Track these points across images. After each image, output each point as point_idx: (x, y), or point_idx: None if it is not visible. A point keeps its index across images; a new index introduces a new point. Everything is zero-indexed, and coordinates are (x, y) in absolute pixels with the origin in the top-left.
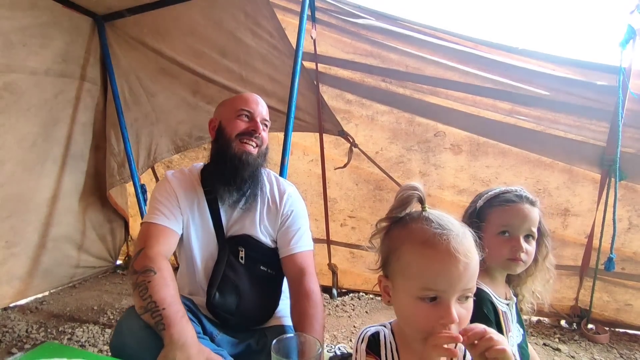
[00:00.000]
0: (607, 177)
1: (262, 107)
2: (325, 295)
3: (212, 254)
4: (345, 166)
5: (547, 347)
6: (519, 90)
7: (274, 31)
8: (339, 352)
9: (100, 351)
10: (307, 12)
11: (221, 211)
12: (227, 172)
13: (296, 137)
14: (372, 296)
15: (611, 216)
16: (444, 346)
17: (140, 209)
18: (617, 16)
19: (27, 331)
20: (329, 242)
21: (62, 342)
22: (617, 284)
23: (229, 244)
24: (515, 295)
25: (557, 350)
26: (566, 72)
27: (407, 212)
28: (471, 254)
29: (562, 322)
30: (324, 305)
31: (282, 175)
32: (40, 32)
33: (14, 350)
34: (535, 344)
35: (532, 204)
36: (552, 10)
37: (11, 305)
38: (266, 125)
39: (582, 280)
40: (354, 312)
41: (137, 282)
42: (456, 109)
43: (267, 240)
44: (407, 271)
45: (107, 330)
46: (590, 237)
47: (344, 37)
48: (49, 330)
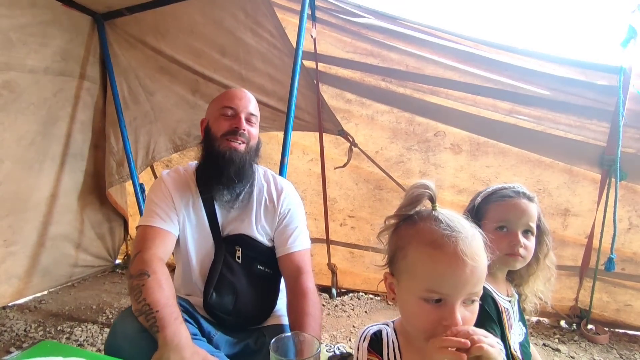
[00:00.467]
0: (607, 177)
1: (247, 102)
2: (324, 295)
3: (209, 253)
4: (345, 166)
5: (546, 348)
6: (519, 90)
7: (274, 30)
8: (338, 352)
9: (98, 350)
10: (307, 11)
11: (217, 210)
12: (213, 171)
13: (296, 136)
14: (371, 296)
15: (611, 216)
16: (448, 350)
17: (139, 208)
18: (618, 16)
19: (25, 330)
20: (328, 241)
21: (60, 341)
22: (617, 284)
23: (226, 244)
24: (517, 294)
25: (557, 350)
26: (567, 72)
27: (417, 210)
28: (479, 257)
29: (562, 323)
30: (323, 304)
31: (281, 174)
32: (39, 30)
33: (12, 349)
34: (534, 344)
35: (530, 199)
36: (552, 9)
37: (10, 304)
38: (253, 120)
39: (582, 280)
40: (354, 312)
41: (133, 286)
42: (456, 108)
43: (264, 239)
44: (413, 271)
45: (105, 329)
46: (590, 237)
47: (344, 37)
48: (48, 329)
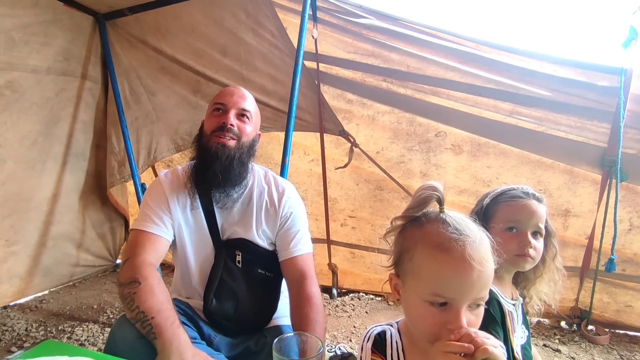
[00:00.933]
0: (608, 178)
1: (238, 97)
2: (325, 295)
3: (208, 257)
4: (345, 166)
5: (547, 348)
6: (520, 90)
7: (275, 30)
8: (339, 352)
9: (100, 350)
10: (308, 11)
11: (216, 213)
12: (202, 168)
13: (297, 136)
14: (372, 296)
15: (612, 217)
16: (452, 355)
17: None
18: (619, 17)
19: (26, 330)
20: (329, 242)
21: (61, 341)
22: (617, 285)
23: (226, 248)
24: (522, 296)
25: (557, 351)
26: (567, 73)
27: (424, 212)
28: (486, 261)
29: (562, 323)
30: (324, 305)
31: (282, 174)
32: (41, 30)
33: (14, 348)
34: (535, 345)
35: (539, 200)
36: (553, 10)
37: (11, 303)
38: (246, 115)
39: (582, 281)
40: (354, 312)
41: (124, 294)
42: (457, 109)
43: (264, 244)
44: (419, 273)
45: (106, 329)
46: (590, 238)
47: (345, 37)
48: (49, 329)
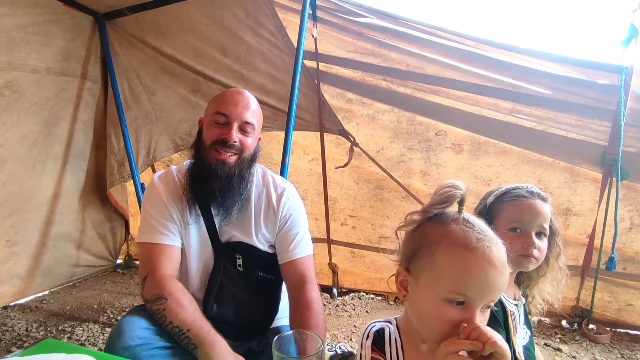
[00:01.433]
0: (608, 177)
1: (242, 108)
2: (325, 294)
3: (208, 262)
4: (345, 165)
5: (548, 347)
6: (520, 89)
7: (275, 30)
8: (339, 352)
9: (100, 350)
10: (308, 10)
11: (214, 216)
12: (201, 182)
13: (297, 136)
14: (372, 296)
15: (612, 216)
16: (460, 354)
17: (140, 208)
18: (619, 15)
19: (27, 330)
20: (329, 241)
21: (61, 341)
22: (618, 284)
23: (225, 251)
24: (524, 296)
25: (558, 350)
26: (568, 71)
27: (444, 210)
28: (506, 266)
29: (563, 322)
30: (323, 304)
31: (282, 174)
32: (41, 30)
33: (14, 349)
34: (536, 344)
35: (544, 200)
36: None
37: (11, 304)
38: (249, 128)
39: (583, 280)
40: (354, 312)
41: (153, 311)
42: (457, 108)
43: (264, 247)
44: (440, 271)
45: (107, 329)
46: (591, 236)
47: (345, 36)
48: (49, 329)
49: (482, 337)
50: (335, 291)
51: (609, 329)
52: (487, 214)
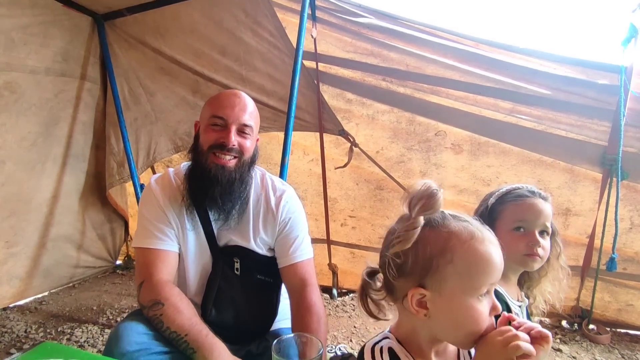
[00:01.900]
0: (608, 177)
1: (239, 111)
2: (325, 295)
3: (206, 266)
4: (345, 166)
5: None
6: (520, 89)
7: (274, 30)
8: (339, 353)
9: (99, 351)
10: (307, 10)
11: (212, 220)
12: (200, 187)
13: (296, 136)
14: None
15: (613, 216)
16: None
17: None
18: (618, 15)
19: (26, 331)
20: (329, 242)
21: (61, 342)
22: (618, 284)
23: (223, 255)
24: (526, 297)
25: (559, 350)
26: (567, 71)
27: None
28: None
29: (563, 323)
30: (325, 306)
31: (282, 175)
32: (40, 30)
33: (13, 350)
34: None
35: (545, 199)
36: (553, 8)
37: (10, 305)
38: (247, 130)
39: (583, 280)
40: (354, 313)
41: (150, 316)
42: (457, 108)
43: (263, 251)
44: (467, 272)
45: (106, 330)
46: (591, 237)
47: (344, 36)
48: (48, 330)
49: (538, 333)
50: (335, 292)
51: (609, 329)
52: (489, 215)
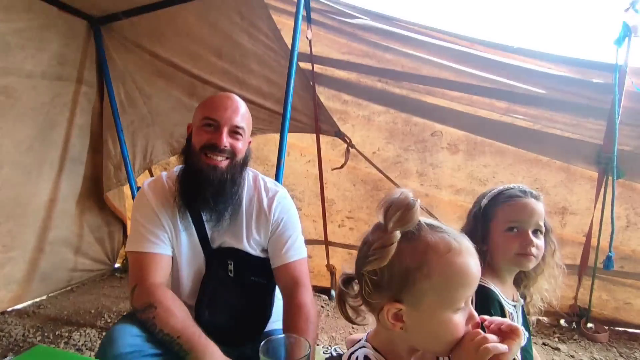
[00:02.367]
0: (604, 175)
1: (232, 112)
2: (323, 296)
3: (199, 268)
4: (342, 167)
5: (546, 347)
6: (515, 89)
7: (270, 32)
8: (335, 353)
9: (97, 355)
10: (302, 12)
11: (205, 223)
12: (192, 188)
13: (293, 138)
14: None
15: (609, 214)
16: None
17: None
18: (612, 14)
19: (24, 335)
20: (327, 243)
21: (59, 346)
22: (616, 282)
23: (217, 257)
24: (522, 296)
25: (557, 349)
26: (562, 71)
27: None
28: None
29: (562, 322)
30: (322, 306)
31: (278, 176)
32: (36, 35)
33: (10, 354)
34: (534, 343)
35: (537, 198)
36: (547, 8)
37: (8, 309)
38: (239, 132)
39: (580, 279)
40: None
41: (143, 319)
42: (453, 108)
43: (256, 252)
44: (444, 286)
45: (104, 333)
46: (588, 235)
47: (339, 38)
48: (46, 334)
49: (508, 328)
50: (333, 293)
51: (607, 328)
52: (483, 216)
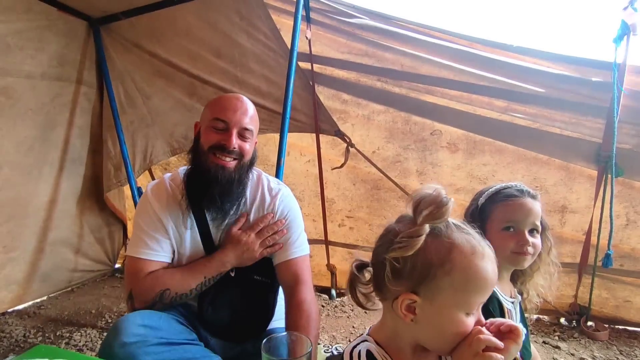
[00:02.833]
0: (603, 174)
1: (241, 114)
2: (324, 296)
3: None
4: (342, 166)
5: (546, 345)
6: (514, 87)
7: (269, 32)
8: (336, 352)
9: (98, 355)
10: (301, 12)
11: (209, 222)
12: (200, 187)
13: (293, 137)
14: None
15: (608, 212)
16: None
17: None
18: (610, 12)
19: (24, 336)
20: (327, 242)
21: (59, 347)
22: (616, 280)
23: None
24: (520, 293)
25: (557, 348)
26: (561, 69)
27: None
28: None
29: (562, 320)
30: (322, 305)
31: (278, 176)
32: (36, 35)
33: (11, 355)
34: (534, 342)
35: (534, 197)
36: (546, 7)
37: (9, 310)
38: (247, 134)
39: (580, 277)
40: (353, 313)
41: (165, 305)
42: (452, 107)
43: None
44: (462, 286)
45: (105, 334)
46: (588, 234)
47: (338, 37)
48: (47, 334)
49: (506, 329)
50: (333, 292)
51: (607, 326)
52: (480, 214)
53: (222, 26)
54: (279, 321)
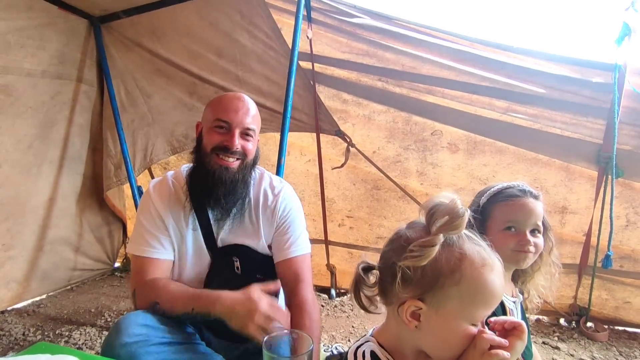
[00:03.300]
0: (604, 175)
1: (243, 115)
2: (324, 295)
3: (205, 266)
4: (342, 166)
5: (546, 346)
6: (515, 88)
7: (270, 31)
8: (335, 352)
9: (97, 354)
10: (302, 12)
11: (212, 221)
12: (204, 188)
13: (293, 137)
14: None
15: (609, 213)
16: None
17: (137, 210)
18: (612, 13)
19: (24, 334)
20: (327, 242)
21: (59, 345)
22: (615, 281)
23: (223, 255)
24: (520, 292)
25: (557, 348)
26: (562, 70)
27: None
28: None
29: (561, 321)
30: (322, 305)
31: (278, 175)
32: (36, 33)
33: (10, 353)
34: (534, 342)
35: (536, 197)
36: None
37: (8, 308)
38: (250, 134)
39: (580, 278)
40: (353, 312)
41: (153, 314)
42: (453, 107)
43: (263, 249)
44: (471, 297)
45: (104, 332)
46: (588, 234)
47: (340, 37)
48: (46, 333)
49: (509, 327)
50: (333, 292)
51: (606, 327)
52: (481, 214)
53: (223, 25)
54: None
